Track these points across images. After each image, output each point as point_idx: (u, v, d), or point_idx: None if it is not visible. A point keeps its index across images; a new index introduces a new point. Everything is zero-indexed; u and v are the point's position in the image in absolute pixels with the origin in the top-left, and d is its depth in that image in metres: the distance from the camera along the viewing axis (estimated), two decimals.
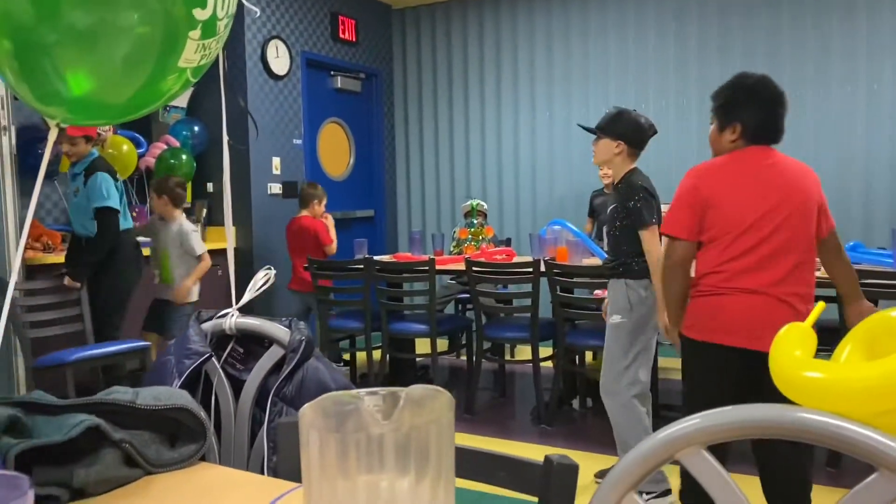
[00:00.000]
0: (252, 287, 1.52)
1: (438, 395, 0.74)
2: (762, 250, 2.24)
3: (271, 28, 5.38)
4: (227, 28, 0.89)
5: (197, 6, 0.81)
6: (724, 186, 2.29)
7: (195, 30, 0.81)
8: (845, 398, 0.82)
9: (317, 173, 5.88)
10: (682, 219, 2.33)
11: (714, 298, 2.29)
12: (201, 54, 0.85)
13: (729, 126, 2.32)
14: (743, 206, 2.26)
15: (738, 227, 2.25)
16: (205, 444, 1.19)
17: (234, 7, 0.88)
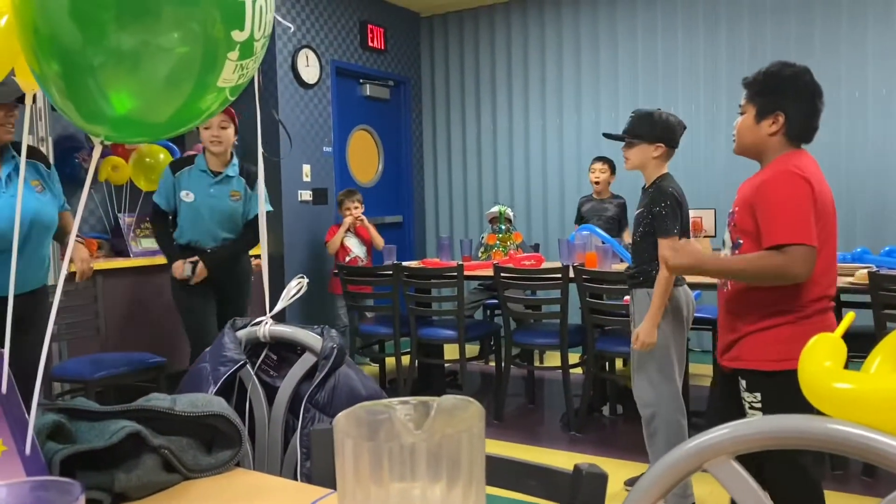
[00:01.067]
0: (285, 295, 1.54)
1: (469, 405, 0.76)
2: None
3: (301, 37, 5.45)
4: (263, 48, 0.92)
5: (235, 28, 0.83)
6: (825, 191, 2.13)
7: (233, 51, 0.84)
8: (875, 409, 0.82)
9: (346, 180, 5.93)
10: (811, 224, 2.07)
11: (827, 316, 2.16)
12: (239, 74, 0.88)
13: (770, 115, 2.15)
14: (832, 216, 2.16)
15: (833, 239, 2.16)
16: (240, 451, 1.22)
17: (270, 28, 0.90)
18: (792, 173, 2.06)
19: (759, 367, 2.12)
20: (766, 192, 2.09)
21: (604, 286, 3.97)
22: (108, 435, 1.07)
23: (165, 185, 3.64)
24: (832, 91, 5.21)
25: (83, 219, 4.68)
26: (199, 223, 3.62)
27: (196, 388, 1.52)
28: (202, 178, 3.61)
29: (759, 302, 2.13)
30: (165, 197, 3.65)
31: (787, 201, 2.05)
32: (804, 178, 2.05)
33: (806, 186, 2.04)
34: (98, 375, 3.47)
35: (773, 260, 2.04)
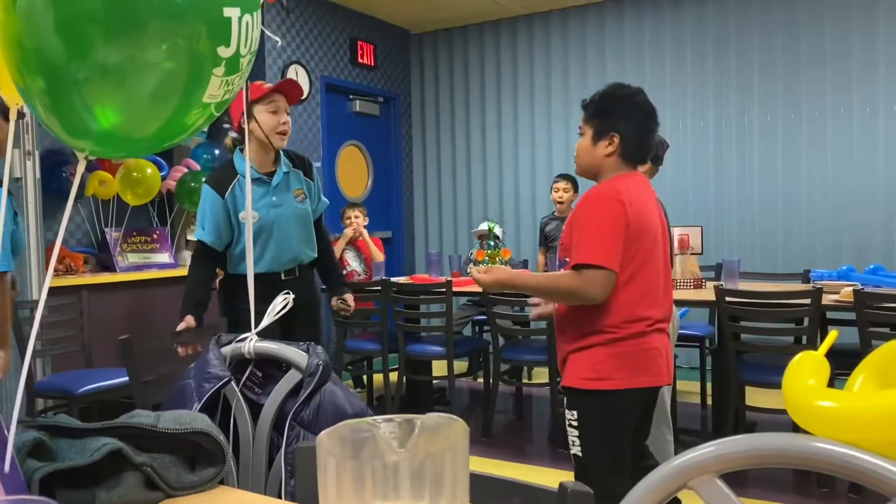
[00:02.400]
0: (270, 312, 1.54)
1: (453, 423, 0.75)
2: (662, 283, 2.21)
3: (291, 53, 5.46)
4: (249, 64, 0.92)
5: (221, 44, 0.83)
6: (644, 212, 2.15)
7: (219, 66, 0.84)
8: (859, 427, 0.82)
9: (335, 195, 5.93)
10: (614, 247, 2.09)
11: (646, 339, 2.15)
12: (225, 90, 0.88)
13: (606, 137, 2.16)
14: (655, 234, 2.17)
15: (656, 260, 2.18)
16: (224, 468, 1.21)
17: (256, 44, 0.91)
18: (606, 196, 2.10)
19: (574, 385, 2.15)
20: (579, 212, 2.14)
21: None
22: (90, 452, 1.06)
23: (213, 213, 2.81)
24: (818, 108, 5.27)
25: (69, 233, 4.65)
26: (274, 246, 2.88)
27: (180, 404, 1.51)
28: (258, 188, 2.84)
29: (576, 321, 2.16)
30: (216, 229, 2.82)
31: (595, 224, 2.08)
32: (618, 201, 2.06)
33: (618, 210, 2.05)
34: (82, 391, 3.43)
35: (570, 280, 2.08)
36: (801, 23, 5.32)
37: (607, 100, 2.20)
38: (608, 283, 2.05)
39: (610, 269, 2.04)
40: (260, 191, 2.84)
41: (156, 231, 4.87)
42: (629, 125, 2.16)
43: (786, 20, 5.36)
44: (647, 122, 2.19)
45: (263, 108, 2.79)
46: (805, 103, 5.27)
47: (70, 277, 4.19)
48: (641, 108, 2.18)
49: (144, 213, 4.96)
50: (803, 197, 5.27)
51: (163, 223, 5.02)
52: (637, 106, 2.18)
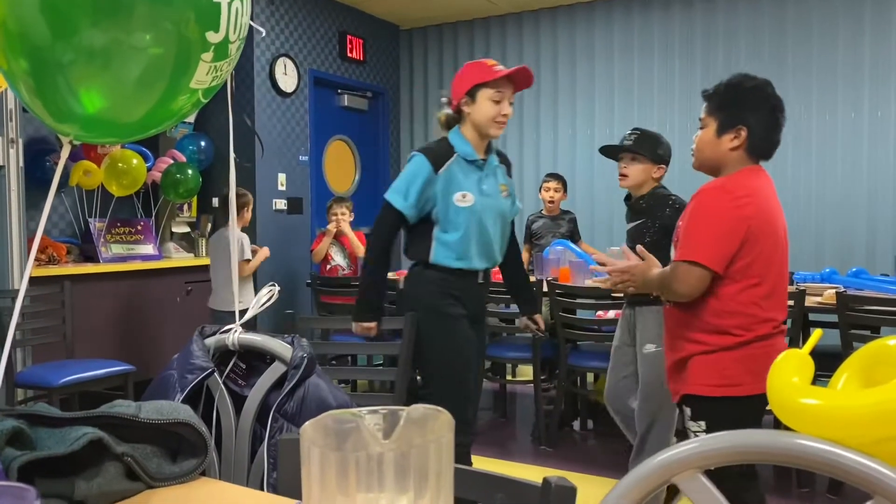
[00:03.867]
0: (256, 303, 1.53)
1: (438, 414, 0.75)
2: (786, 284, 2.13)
3: (280, 46, 5.43)
4: (238, 51, 0.91)
5: (210, 29, 0.82)
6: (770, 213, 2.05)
7: (208, 52, 0.83)
8: (842, 425, 0.83)
9: (322, 190, 5.91)
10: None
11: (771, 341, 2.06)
12: (213, 76, 0.87)
13: (732, 130, 2.06)
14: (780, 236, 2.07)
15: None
16: (206, 459, 1.20)
17: (245, 31, 0.90)
18: (725, 191, 2.00)
19: (701, 393, 2.04)
20: (693, 206, 2.07)
21: (577, 301, 3.98)
22: (70, 441, 1.05)
23: (417, 183, 2.56)
24: (803, 112, 5.30)
25: (52, 223, 4.60)
26: (478, 237, 2.60)
27: (162, 395, 1.49)
28: (472, 171, 2.61)
29: (698, 324, 2.05)
30: (418, 202, 2.58)
31: (704, 219, 2.01)
32: (737, 198, 1.97)
33: (735, 207, 1.97)
34: (62, 382, 3.40)
35: (667, 274, 2.05)
36: (788, 26, 5.34)
37: (734, 91, 2.09)
38: (701, 281, 1.97)
39: (705, 267, 1.96)
40: (473, 175, 2.60)
41: (140, 222, 4.83)
42: (757, 118, 2.05)
43: (774, 24, 5.38)
44: (775, 116, 2.07)
45: (488, 94, 2.59)
46: (790, 107, 5.29)
47: (52, 267, 4.15)
48: (770, 101, 2.07)
49: (129, 204, 4.92)
50: (788, 201, 5.28)
51: (147, 214, 4.99)
52: (766, 98, 2.07)
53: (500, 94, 2.58)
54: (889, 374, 0.86)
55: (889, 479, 0.76)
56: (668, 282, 2.03)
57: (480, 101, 2.58)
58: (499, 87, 2.59)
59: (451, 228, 2.56)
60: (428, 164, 2.56)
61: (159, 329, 4.58)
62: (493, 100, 2.58)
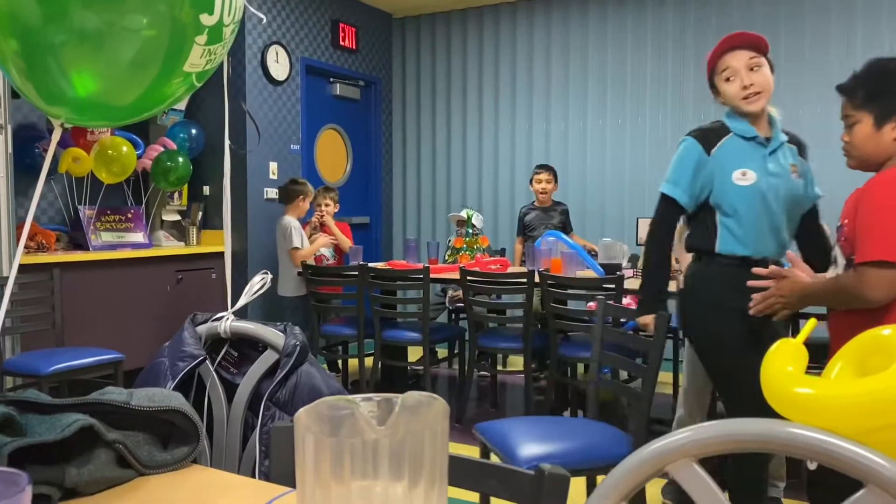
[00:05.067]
0: (248, 291, 1.52)
1: (433, 402, 0.75)
2: None
3: (272, 34, 5.40)
4: (232, 34, 0.90)
5: (204, 11, 0.81)
6: None
7: (202, 35, 0.82)
8: (835, 414, 0.83)
9: (314, 179, 5.88)
10: None
11: None
12: (207, 59, 0.86)
13: (892, 118, 1.88)
14: None
15: None
16: (197, 447, 1.20)
17: (240, 14, 0.88)
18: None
19: None
20: (869, 199, 1.84)
21: (568, 292, 3.99)
22: (60, 428, 1.04)
23: (687, 166, 2.40)
24: (797, 108, 5.31)
25: (41, 210, 4.57)
26: (764, 221, 2.36)
27: (154, 383, 1.49)
28: (753, 149, 2.38)
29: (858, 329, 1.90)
30: (690, 187, 2.40)
31: (887, 212, 1.79)
32: None
33: None
34: (51, 370, 3.38)
35: (849, 279, 1.82)
36: (780, 23, 5.35)
37: (884, 78, 1.91)
38: (894, 283, 1.77)
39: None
40: (756, 153, 2.38)
41: (130, 210, 4.80)
42: None
43: (767, 20, 5.38)
44: None
45: (721, 77, 2.42)
46: (781, 102, 5.31)
47: (42, 255, 4.12)
48: None
49: (119, 191, 4.89)
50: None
51: (138, 202, 4.96)
52: None
53: (730, 72, 2.38)
54: (883, 364, 0.86)
55: (882, 468, 0.76)
56: (852, 290, 1.81)
57: (720, 86, 2.43)
58: (724, 66, 2.40)
59: (733, 211, 2.34)
60: (697, 146, 2.39)
61: (149, 318, 4.56)
62: (725, 80, 2.41)
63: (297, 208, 4.87)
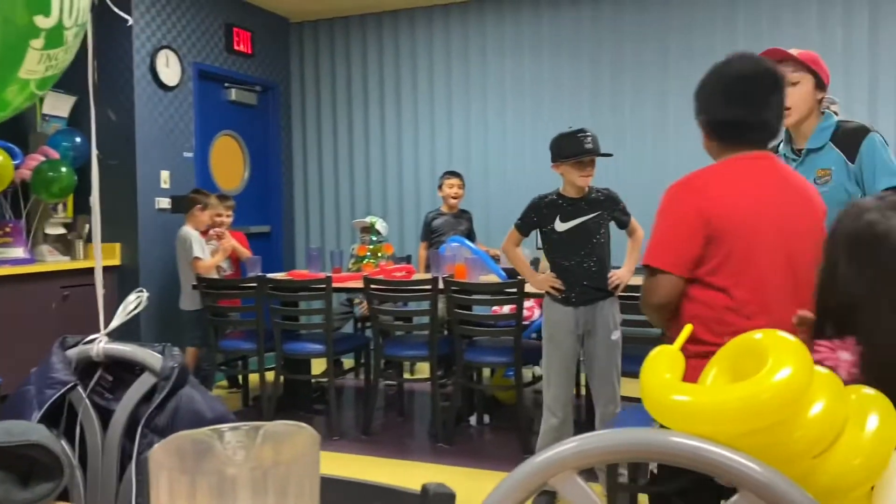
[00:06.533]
0: (122, 311, 1.43)
1: (300, 430, 0.71)
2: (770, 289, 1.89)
3: (161, 37, 5.19)
4: (77, 38, 0.83)
5: (39, 13, 0.74)
6: None
7: (37, 38, 0.75)
8: (710, 421, 0.84)
9: (209, 187, 5.68)
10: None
11: None
12: (46, 65, 0.79)
13: (700, 123, 2.01)
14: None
15: None
16: (61, 483, 1.11)
17: (85, 16, 0.82)
18: (680, 185, 1.89)
19: None
20: (659, 205, 1.94)
21: (473, 297, 4.00)
22: None
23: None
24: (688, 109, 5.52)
25: None
26: None
27: (19, 413, 1.37)
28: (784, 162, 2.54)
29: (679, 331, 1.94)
30: None
31: (661, 218, 1.88)
32: (690, 190, 1.86)
33: (686, 201, 1.84)
34: None
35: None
36: (696, 27, 5.55)
37: (698, 90, 1.98)
38: (662, 285, 1.81)
39: (664, 270, 1.81)
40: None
41: (9, 224, 4.51)
42: (706, 101, 1.94)
43: (682, 24, 5.54)
44: (718, 94, 1.92)
45: None
46: (672, 105, 5.51)
47: None
48: (710, 78, 1.95)
49: None
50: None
51: (17, 215, 4.65)
52: (707, 77, 1.95)
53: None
54: (755, 367, 0.88)
55: (754, 473, 0.77)
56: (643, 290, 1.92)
57: None
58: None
59: None
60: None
61: (32, 338, 4.28)
62: None
63: (195, 219, 4.70)
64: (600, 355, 3.16)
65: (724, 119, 1.88)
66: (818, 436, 0.88)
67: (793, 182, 1.89)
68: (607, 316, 3.16)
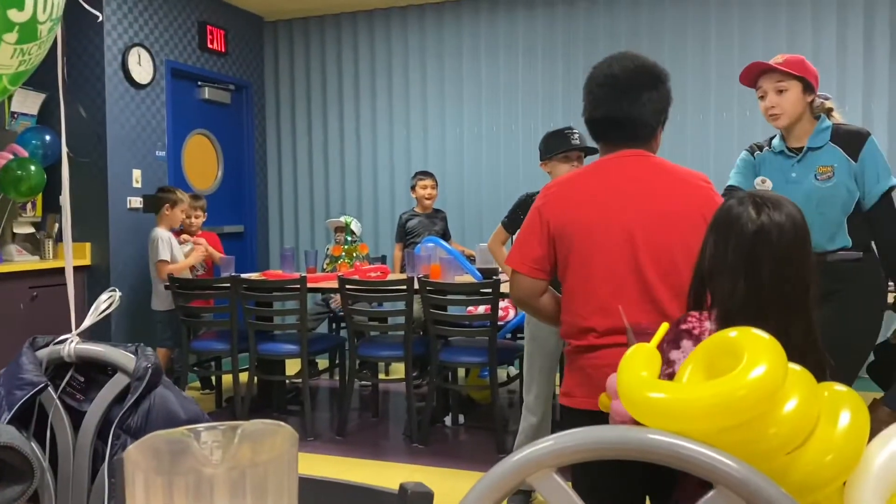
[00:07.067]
0: (94, 310, 1.41)
1: (279, 429, 0.70)
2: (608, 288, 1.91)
3: (133, 35, 5.12)
4: (51, 32, 0.82)
5: (13, 7, 0.73)
6: None
7: (11, 33, 0.74)
8: (686, 418, 0.85)
9: (182, 186, 5.61)
10: None
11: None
12: (20, 59, 0.77)
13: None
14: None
15: None
16: (31, 485, 1.09)
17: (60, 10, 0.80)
18: (539, 194, 1.93)
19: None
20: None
21: (447, 297, 4.01)
22: None
23: (740, 172, 2.79)
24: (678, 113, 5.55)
25: None
26: None
27: None
28: (781, 161, 2.68)
29: None
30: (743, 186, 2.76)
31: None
32: (541, 194, 1.91)
33: (535, 205, 1.88)
34: None
35: None
36: (620, 34, 5.60)
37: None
38: (516, 283, 1.88)
39: (515, 269, 1.87)
40: (784, 163, 2.66)
41: None
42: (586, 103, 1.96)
43: (629, 27, 5.62)
44: (588, 90, 1.95)
45: (759, 98, 2.68)
46: None
47: None
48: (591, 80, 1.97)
49: None
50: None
51: None
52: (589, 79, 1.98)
53: (762, 92, 2.65)
54: (730, 365, 0.89)
55: (730, 469, 0.78)
56: None
57: (760, 104, 2.71)
58: (759, 86, 2.65)
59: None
60: (749, 156, 2.78)
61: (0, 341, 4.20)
62: (760, 97, 2.68)
63: (165, 218, 4.65)
64: None
65: (593, 118, 1.90)
66: (792, 432, 0.89)
67: (654, 182, 1.82)
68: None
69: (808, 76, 2.59)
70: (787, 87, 2.58)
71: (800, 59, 2.63)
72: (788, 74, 2.57)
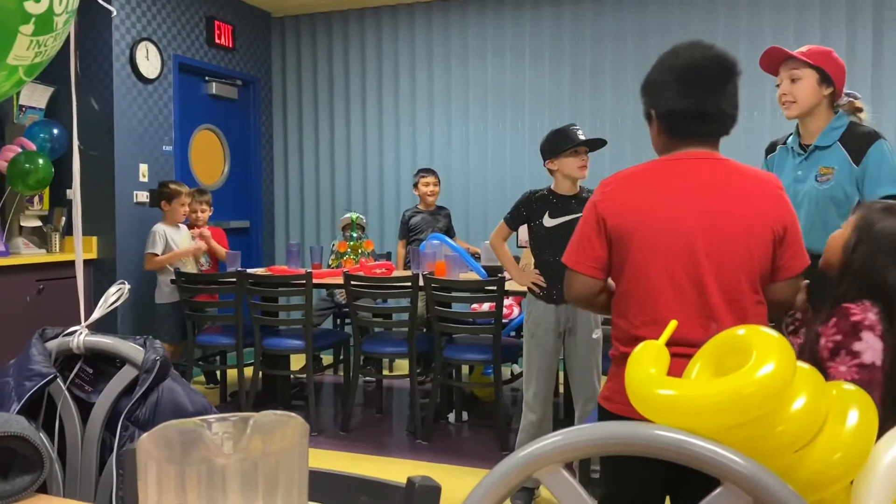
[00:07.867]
0: (103, 303, 1.42)
1: (290, 420, 0.71)
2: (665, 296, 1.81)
3: (141, 29, 5.13)
4: (66, 24, 0.82)
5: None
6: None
7: (27, 24, 0.74)
8: (694, 414, 0.85)
9: (188, 181, 5.63)
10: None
11: None
12: (35, 51, 0.78)
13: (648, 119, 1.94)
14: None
15: None
16: (41, 475, 1.10)
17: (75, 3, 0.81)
18: (597, 189, 1.85)
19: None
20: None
21: (452, 295, 4.01)
22: None
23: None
24: None
25: None
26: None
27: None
28: (792, 157, 2.64)
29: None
30: None
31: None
32: (598, 190, 1.82)
33: (591, 201, 1.79)
34: None
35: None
36: (626, 32, 5.59)
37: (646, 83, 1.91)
38: (571, 282, 1.82)
39: (571, 268, 1.81)
40: (794, 160, 2.61)
41: None
42: (655, 95, 1.85)
43: (636, 28, 5.60)
44: (660, 84, 1.83)
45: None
46: None
47: None
48: (657, 67, 1.85)
49: None
50: None
51: None
52: (654, 67, 1.87)
53: (779, 79, 2.60)
54: (739, 363, 0.89)
55: (737, 465, 0.78)
56: None
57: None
58: (778, 73, 2.60)
59: None
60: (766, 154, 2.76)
61: (6, 332, 4.22)
62: (777, 85, 2.62)
63: (166, 214, 4.67)
64: (581, 353, 3.17)
65: (677, 109, 1.75)
66: (800, 430, 0.90)
67: (725, 188, 1.70)
68: (588, 314, 3.18)
69: (827, 68, 2.51)
70: (801, 75, 2.51)
71: (824, 51, 2.55)
72: (804, 63, 2.50)
